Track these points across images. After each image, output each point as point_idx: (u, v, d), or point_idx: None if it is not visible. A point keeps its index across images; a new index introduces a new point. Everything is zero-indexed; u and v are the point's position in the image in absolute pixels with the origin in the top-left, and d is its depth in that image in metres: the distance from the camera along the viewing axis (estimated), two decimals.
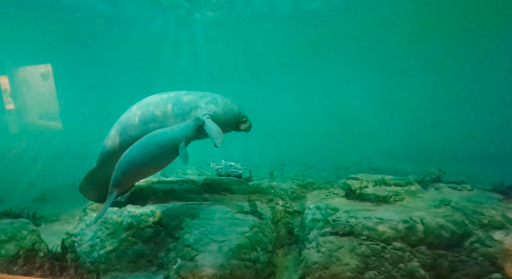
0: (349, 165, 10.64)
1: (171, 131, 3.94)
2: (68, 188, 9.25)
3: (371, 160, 11.04)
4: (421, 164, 8.70)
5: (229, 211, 4.70)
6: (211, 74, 27.36)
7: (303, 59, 24.12)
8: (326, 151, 13.83)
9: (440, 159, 9.93)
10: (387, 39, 18.34)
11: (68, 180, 9.74)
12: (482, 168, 8.36)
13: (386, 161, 10.22)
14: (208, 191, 5.99)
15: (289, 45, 20.29)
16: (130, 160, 3.59)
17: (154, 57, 22.68)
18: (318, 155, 12.95)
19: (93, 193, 5.40)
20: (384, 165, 9.66)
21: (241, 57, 23.47)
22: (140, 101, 4.79)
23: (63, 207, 8.29)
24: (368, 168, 9.50)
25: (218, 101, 4.80)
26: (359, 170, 9.48)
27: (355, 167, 10.33)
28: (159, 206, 4.92)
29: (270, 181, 8.88)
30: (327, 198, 4.91)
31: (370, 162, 10.60)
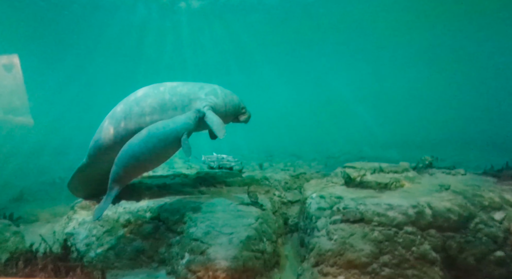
0: (338, 155, 10.89)
1: (173, 123, 3.84)
2: (48, 186, 8.84)
3: (360, 149, 11.35)
4: (408, 152, 9.06)
5: (231, 203, 4.68)
6: (196, 66, 26.71)
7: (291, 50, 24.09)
8: (315, 141, 14.04)
9: (426, 146, 10.39)
10: (376, 30, 18.65)
11: (47, 178, 9.31)
12: (465, 154, 8.86)
13: (374, 150, 10.55)
14: (203, 185, 5.94)
15: (277, 35, 20.17)
16: (131, 154, 3.45)
17: (136, 48, 21.71)
18: (307, 145, 13.14)
19: (83, 189, 5.21)
20: (373, 153, 9.98)
21: (228, 48, 23.07)
22: (135, 93, 4.59)
23: (43, 206, 7.91)
24: (357, 157, 9.77)
25: (217, 92, 4.72)
26: (348, 160, 9.71)
27: (344, 156, 10.59)
28: (156, 201, 4.80)
29: (262, 172, 8.98)
30: (326, 187, 4.98)
31: (359, 151, 10.90)
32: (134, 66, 26.20)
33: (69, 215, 5.17)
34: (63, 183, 9.33)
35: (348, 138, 13.97)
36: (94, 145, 4.56)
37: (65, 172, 9.63)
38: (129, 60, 24.83)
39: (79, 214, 5.06)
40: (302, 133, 16.25)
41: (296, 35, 20.25)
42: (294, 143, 13.21)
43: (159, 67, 26.74)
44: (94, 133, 4.77)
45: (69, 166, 11.10)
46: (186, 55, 25.11)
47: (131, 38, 19.72)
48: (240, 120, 5.15)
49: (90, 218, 4.75)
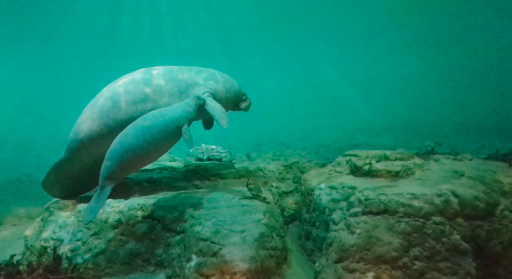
0: (329, 143, 10.94)
1: (172, 111, 3.57)
2: (10, 184, 8.21)
3: (352, 136, 11.46)
4: (400, 137, 9.25)
5: (233, 198, 4.49)
6: (177, 50, 25.45)
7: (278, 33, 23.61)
8: (305, 129, 14.02)
9: (417, 131, 10.66)
10: (367, 13, 18.62)
11: (10, 175, 8.62)
12: (458, 139, 9.19)
13: (367, 137, 10.68)
14: (196, 178, 5.74)
15: (264, 18, 19.61)
16: (127, 147, 3.12)
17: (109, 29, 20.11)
18: (297, 134, 13.09)
19: (60, 188, 4.83)
20: (366, 140, 10.10)
21: (211, 31, 22.16)
22: (123, 78, 4.20)
23: (6, 208, 7.37)
24: (350, 145, 9.85)
25: (217, 76, 4.50)
26: (340, 148, 9.82)
27: (336, 144, 10.65)
28: (147, 198, 4.51)
29: (252, 163, 8.84)
30: (332, 177, 4.89)
31: (351, 139, 11.00)
32: (107, 49, 24.50)
33: (43, 218, 4.75)
34: (29, 181, 8.70)
35: (340, 125, 14.07)
36: (75, 138, 4.16)
37: (30, 169, 8.93)
38: (101, 43, 23.12)
39: (57, 216, 4.67)
40: (291, 121, 16.15)
41: (284, 18, 19.85)
42: (283, 132, 13.11)
43: (136, 51, 25.24)
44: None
45: (34, 162, 10.35)
46: (165, 38, 23.88)
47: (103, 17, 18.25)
48: (241, 108, 5.01)
49: (72, 219, 4.37)
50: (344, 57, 29.68)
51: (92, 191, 5.63)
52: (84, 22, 18.22)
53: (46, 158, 9.51)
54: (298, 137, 12.35)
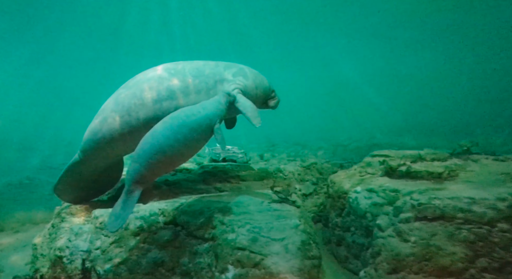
0: (347, 142, 10.78)
1: (203, 109, 3.41)
2: (12, 188, 8.10)
3: (371, 135, 11.29)
4: (423, 137, 9.08)
5: (262, 202, 4.32)
6: (187, 47, 25.15)
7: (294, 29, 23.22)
8: (321, 129, 13.84)
9: (440, 131, 10.48)
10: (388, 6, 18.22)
11: (11, 179, 8.54)
12: (485, 138, 9.02)
13: (388, 136, 10.51)
14: (215, 180, 5.60)
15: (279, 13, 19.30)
16: (157, 148, 2.95)
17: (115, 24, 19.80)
18: (312, 133, 12.94)
19: (73, 192, 4.67)
20: (386, 140, 9.93)
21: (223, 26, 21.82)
22: (146, 73, 4.05)
23: (8, 213, 7.27)
24: (369, 145, 9.68)
25: (246, 72, 4.35)
26: (359, 147, 9.66)
27: (354, 144, 10.49)
28: (168, 202, 4.33)
29: (267, 164, 8.73)
30: (365, 179, 4.73)
31: (370, 138, 10.83)
32: (113, 46, 24.18)
33: (54, 224, 4.59)
34: (31, 184, 8.53)
35: (358, 124, 13.84)
36: (92, 138, 4.00)
37: (33, 171, 8.77)
38: (107, 39, 22.77)
39: (69, 222, 4.50)
40: (306, 120, 15.93)
41: (299, 11, 19.52)
42: (297, 131, 12.91)
43: (143, 47, 24.92)
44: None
45: (37, 164, 10.18)
46: (174, 34, 23.59)
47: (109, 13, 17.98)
48: (269, 106, 4.84)
49: (88, 226, 4.21)
50: (362, 53, 29.10)
51: (104, 195, 5.50)
52: (89, 18, 17.97)
53: (50, 159, 9.34)
54: (313, 136, 12.20)
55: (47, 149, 9.99)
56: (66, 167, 4.36)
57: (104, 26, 20.05)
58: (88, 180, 4.65)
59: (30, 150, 9.77)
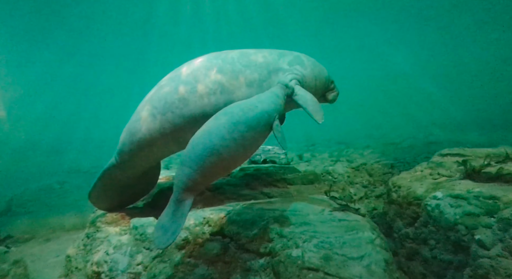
0: (398, 140, 10.15)
1: (261, 103, 3.11)
2: (42, 193, 8.28)
3: (428, 132, 10.56)
4: (494, 134, 8.26)
5: (322, 210, 3.94)
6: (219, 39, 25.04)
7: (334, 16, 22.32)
8: (367, 125, 13.22)
9: None
10: None
11: (42, 183, 8.72)
12: None
13: (449, 133, 9.75)
14: (260, 184, 5.39)
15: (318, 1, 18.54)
16: (211, 149, 2.69)
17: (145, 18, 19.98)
18: (358, 131, 12.38)
19: (109, 199, 4.57)
20: (447, 137, 9.18)
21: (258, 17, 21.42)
22: (189, 64, 3.85)
23: (38, 220, 7.45)
24: (425, 142, 9.01)
25: (303, 60, 4.05)
26: (413, 146, 9.02)
27: (406, 141, 9.86)
28: (213, 209, 4.07)
29: (309, 164, 8.43)
30: (441, 183, 4.21)
31: (427, 135, 10.12)
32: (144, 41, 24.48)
33: (89, 234, 4.46)
34: (61, 189, 8.67)
35: (411, 120, 13.02)
36: (130, 139, 3.83)
37: (63, 175, 8.89)
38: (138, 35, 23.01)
39: (106, 232, 4.36)
40: (350, 116, 15.23)
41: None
42: (340, 128, 12.34)
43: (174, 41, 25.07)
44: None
45: (67, 167, 10.40)
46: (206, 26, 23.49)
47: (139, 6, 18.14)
48: (328, 99, 4.54)
49: (127, 238, 4.01)
50: (416, 41, 27.18)
51: (139, 202, 5.34)
52: (117, 12, 18.18)
53: (79, 163, 9.47)
54: (358, 134, 11.65)
55: (77, 152, 10.19)
56: (102, 172, 4.23)
57: (133, 20, 20.24)
58: (125, 186, 4.52)
59: (60, 153, 9.98)
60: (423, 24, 23.89)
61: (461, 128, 10.42)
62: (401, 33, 25.70)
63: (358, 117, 16.21)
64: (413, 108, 17.53)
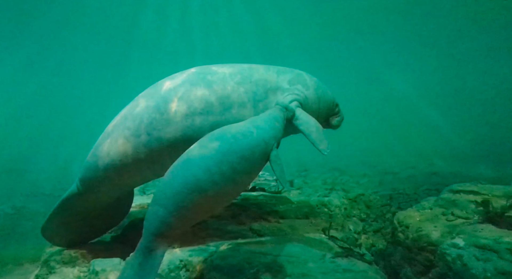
0: (398, 170, 9.95)
1: (256, 128, 2.74)
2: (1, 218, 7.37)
3: (429, 162, 10.38)
4: (503, 167, 8.08)
5: (322, 255, 3.59)
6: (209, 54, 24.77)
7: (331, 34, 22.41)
8: (364, 152, 12.98)
9: None
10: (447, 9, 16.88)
11: None
12: None
13: (452, 165, 9.56)
14: (248, 217, 5.01)
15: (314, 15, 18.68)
16: (192, 185, 2.27)
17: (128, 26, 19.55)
18: (354, 157, 12.16)
19: (69, 233, 4.07)
20: (450, 169, 8.99)
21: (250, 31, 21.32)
22: (172, 78, 3.53)
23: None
24: (426, 173, 8.79)
25: (305, 79, 3.80)
26: (413, 176, 8.76)
27: (406, 171, 9.65)
28: (193, 250, 3.70)
29: (301, 193, 8.16)
30: (458, 226, 3.86)
31: (428, 165, 9.94)
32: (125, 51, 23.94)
33: (39, 276, 4.08)
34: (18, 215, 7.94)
35: (413, 148, 12.85)
36: (96, 164, 3.42)
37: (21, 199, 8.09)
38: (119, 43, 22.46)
39: (60, 274, 3.89)
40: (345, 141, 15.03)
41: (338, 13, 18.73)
42: (335, 154, 12.06)
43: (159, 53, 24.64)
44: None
45: (28, 190, 9.58)
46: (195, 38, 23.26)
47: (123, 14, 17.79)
48: (331, 124, 4.28)
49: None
50: (418, 64, 27.52)
51: (107, 234, 4.82)
52: (97, 16, 17.69)
53: (44, 184, 8.77)
54: (354, 161, 11.42)
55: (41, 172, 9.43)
56: (59, 202, 3.76)
57: (115, 26, 19.71)
58: (88, 217, 4.07)
59: (21, 172, 9.27)
60: (425, 47, 24.35)
61: (464, 159, 10.30)
62: (401, 56, 26.16)
63: (354, 142, 16.06)
64: (413, 135, 17.52)
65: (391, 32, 22.14)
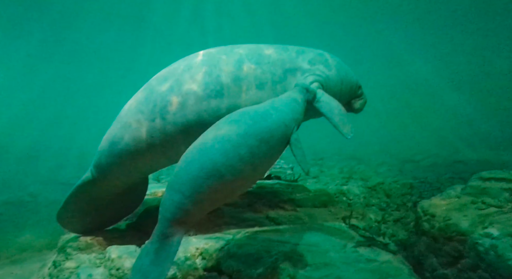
0: (418, 157, 9.65)
1: (276, 110, 2.65)
2: (11, 207, 7.83)
3: (453, 150, 10.05)
4: None
5: (343, 245, 3.52)
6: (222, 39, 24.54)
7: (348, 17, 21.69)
8: (383, 140, 12.69)
9: None
10: None
11: (11, 195, 8.28)
12: None
13: (477, 152, 9.23)
14: (265, 205, 4.80)
15: None
16: (210, 170, 2.19)
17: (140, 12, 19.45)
18: (372, 145, 11.89)
19: (84, 220, 4.10)
20: (475, 156, 8.67)
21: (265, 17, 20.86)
22: (188, 59, 3.42)
23: (4, 237, 6.82)
24: (450, 161, 8.48)
25: (327, 59, 3.65)
26: (436, 164, 8.50)
27: (428, 159, 9.34)
28: (209, 238, 3.62)
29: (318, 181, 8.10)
30: (490, 215, 3.71)
31: (452, 153, 9.62)
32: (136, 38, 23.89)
33: (57, 262, 4.05)
34: (34, 202, 8.13)
35: (436, 135, 12.47)
36: (110, 150, 3.40)
37: (37, 187, 8.30)
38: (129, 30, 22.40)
39: (76, 260, 3.86)
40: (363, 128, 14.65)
41: None
42: (352, 141, 11.83)
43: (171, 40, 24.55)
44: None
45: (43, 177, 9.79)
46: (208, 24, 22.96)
47: None
48: (353, 108, 4.14)
49: (101, 271, 3.52)
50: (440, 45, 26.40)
51: (122, 222, 4.84)
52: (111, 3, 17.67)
53: (58, 172, 8.95)
54: (373, 149, 11.17)
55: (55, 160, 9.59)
56: (74, 188, 3.78)
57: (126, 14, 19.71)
58: (103, 204, 4.10)
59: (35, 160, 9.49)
60: (448, 27, 23.26)
61: (491, 146, 9.89)
62: (422, 36, 25.07)
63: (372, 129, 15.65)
64: (435, 121, 16.91)
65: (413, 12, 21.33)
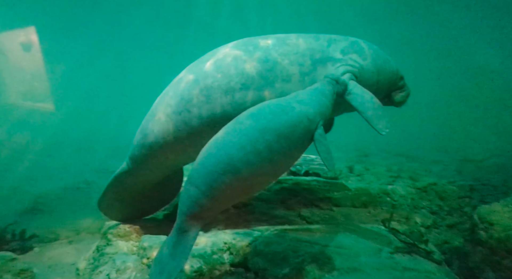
0: (480, 157, 8.85)
1: (299, 103, 2.50)
2: (68, 192, 8.54)
3: None
4: None
5: (378, 249, 3.32)
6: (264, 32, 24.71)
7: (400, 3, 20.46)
8: (438, 136, 11.83)
9: None
10: None
11: (67, 182, 8.96)
12: None
13: None
14: (299, 203, 4.70)
15: None
16: (226, 165, 2.14)
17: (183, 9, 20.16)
18: (425, 141, 11.16)
19: (123, 208, 4.30)
20: None
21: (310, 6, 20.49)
22: (213, 53, 3.38)
23: (63, 219, 7.36)
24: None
25: (362, 47, 3.38)
26: (501, 165, 7.67)
27: (492, 159, 8.54)
28: (237, 233, 3.58)
29: (361, 180, 7.70)
30: None
31: None
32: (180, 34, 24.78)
33: (99, 247, 4.27)
34: (89, 189, 8.79)
35: (500, 130, 11.38)
36: (142, 143, 3.48)
37: (91, 175, 9.01)
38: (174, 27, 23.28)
39: (115, 247, 4.16)
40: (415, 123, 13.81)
41: None
42: (402, 137, 11.13)
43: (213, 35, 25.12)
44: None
45: (96, 166, 10.58)
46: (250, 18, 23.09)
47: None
48: (394, 101, 3.78)
49: (134, 259, 3.62)
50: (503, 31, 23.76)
51: (160, 212, 5.03)
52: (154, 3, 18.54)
53: (108, 162, 9.60)
54: (426, 146, 10.43)
55: (106, 150, 10.30)
56: (112, 178, 3.97)
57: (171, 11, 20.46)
58: (139, 194, 4.25)
59: (88, 151, 10.23)
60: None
61: None
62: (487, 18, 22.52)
63: (426, 124, 14.50)
64: (503, 115, 15.21)
65: None
